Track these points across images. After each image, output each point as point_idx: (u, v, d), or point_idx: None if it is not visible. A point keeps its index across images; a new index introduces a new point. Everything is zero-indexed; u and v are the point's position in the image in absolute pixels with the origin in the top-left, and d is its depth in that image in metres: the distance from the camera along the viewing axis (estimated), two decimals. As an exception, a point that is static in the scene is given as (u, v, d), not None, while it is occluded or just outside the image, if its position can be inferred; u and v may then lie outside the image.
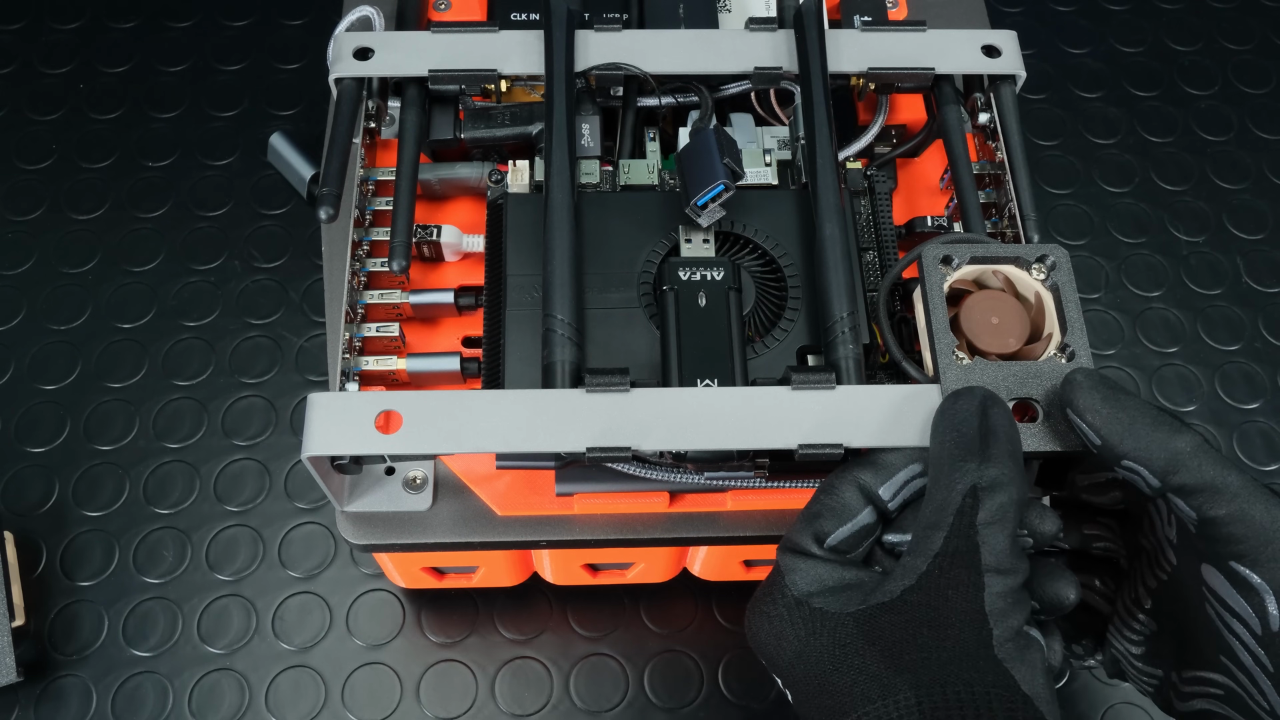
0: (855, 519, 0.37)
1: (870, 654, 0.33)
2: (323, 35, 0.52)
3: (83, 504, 0.58)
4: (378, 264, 0.46)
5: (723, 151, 0.43)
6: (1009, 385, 0.38)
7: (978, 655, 0.32)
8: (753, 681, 0.54)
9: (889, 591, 0.34)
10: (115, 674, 0.54)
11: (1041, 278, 0.41)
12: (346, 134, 0.46)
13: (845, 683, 0.34)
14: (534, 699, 0.53)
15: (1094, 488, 0.39)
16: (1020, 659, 0.33)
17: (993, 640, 0.33)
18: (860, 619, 0.34)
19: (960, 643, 0.33)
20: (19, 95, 0.70)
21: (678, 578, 0.54)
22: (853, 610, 0.34)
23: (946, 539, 0.34)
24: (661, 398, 0.39)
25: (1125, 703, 0.53)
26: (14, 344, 0.62)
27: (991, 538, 0.33)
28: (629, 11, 0.53)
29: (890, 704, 0.32)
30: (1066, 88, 0.72)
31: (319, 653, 0.54)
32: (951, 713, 0.32)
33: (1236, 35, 0.75)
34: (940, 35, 0.49)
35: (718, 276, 0.43)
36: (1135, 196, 0.68)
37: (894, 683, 0.33)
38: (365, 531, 0.44)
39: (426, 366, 0.45)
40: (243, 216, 0.66)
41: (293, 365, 0.62)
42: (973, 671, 0.32)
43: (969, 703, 0.32)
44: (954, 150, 0.47)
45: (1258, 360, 0.63)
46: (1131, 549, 0.39)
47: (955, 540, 0.33)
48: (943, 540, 0.34)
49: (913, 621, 0.33)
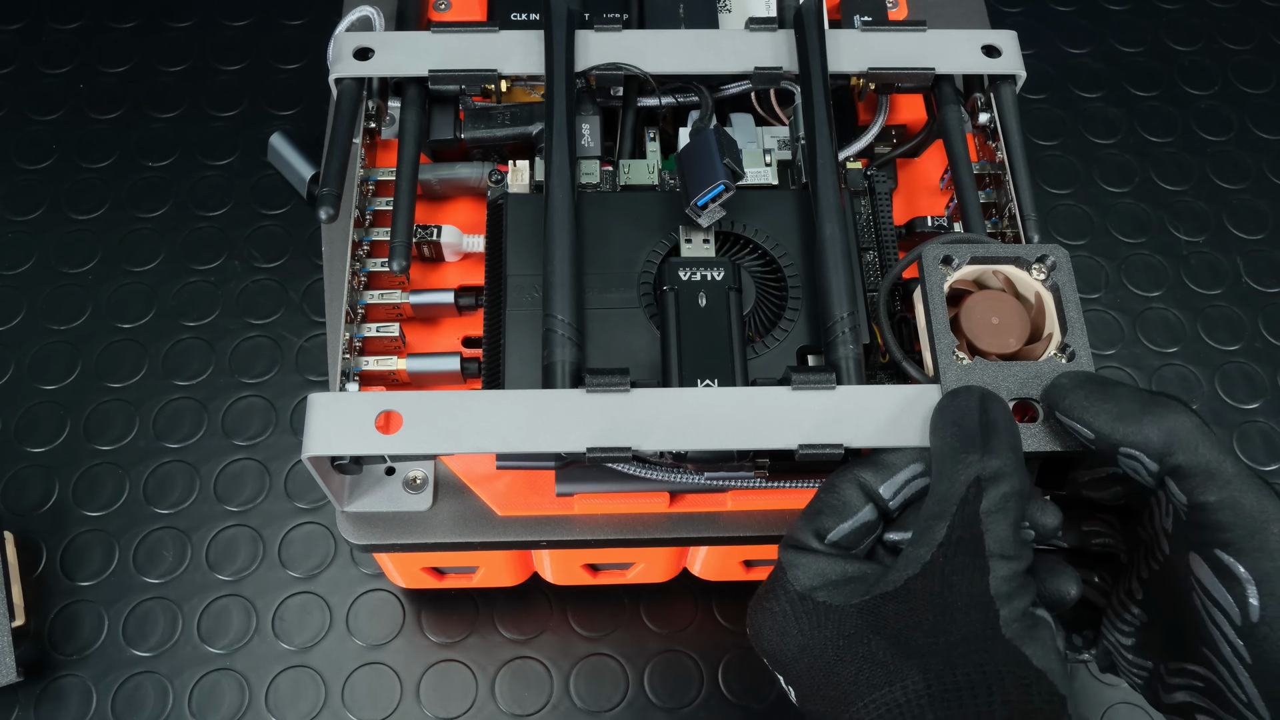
0: (856, 516, 0.37)
1: (876, 642, 0.33)
2: (323, 35, 0.52)
3: (83, 504, 0.58)
4: (378, 264, 0.46)
5: (723, 152, 0.43)
6: (1009, 385, 0.38)
7: (986, 636, 0.32)
8: (753, 681, 0.54)
9: (892, 581, 0.34)
10: (115, 674, 0.54)
11: (1042, 278, 0.41)
12: (346, 134, 0.46)
13: (851, 672, 0.33)
14: (534, 699, 0.53)
15: (1095, 483, 0.39)
16: (1030, 636, 0.33)
17: (1000, 621, 0.32)
18: (864, 610, 0.34)
19: (968, 626, 0.32)
20: (19, 95, 0.70)
21: (678, 578, 0.54)
22: (857, 602, 0.34)
23: (950, 528, 0.33)
24: (662, 398, 0.39)
25: (1125, 702, 0.54)
26: (14, 344, 0.62)
27: (995, 526, 0.33)
28: (629, 11, 0.53)
29: (898, 689, 0.32)
30: (1066, 88, 0.72)
31: (319, 653, 0.54)
32: (962, 694, 0.31)
33: (1236, 35, 0.75)
34: (940, 35, 0.49)
35: (718, 276, 0.43)
36: (1135, 196, 0.68)
37: (901, 668, 0.32)
38: (365, 531, 0.44)
39: (427, 367, 0.45)
40: (243, 216, 0.66)
41: (293, 365, 0.62)
42: (982, 652, 0.32)
43: (980, 682, 0.31)
44: (954, 150, 0.47)
45: (1258, 360, 0.63)
46: (1130, 543, 0.39)
47: (959, 529, 0.33)
48: (946, 530, 0.33)
49: (918, 609, 0.33)
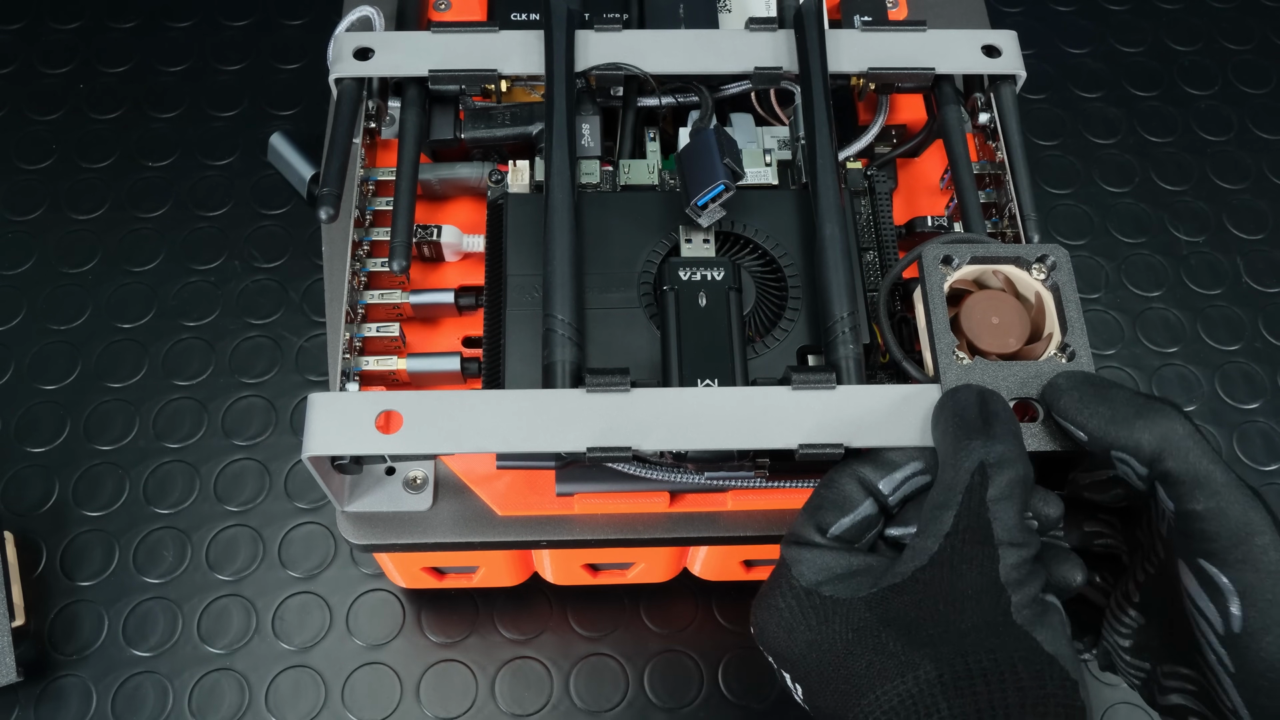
0: (857, 510, 0.37)
1: (887, 634, 0.33)
2: (323, 35, 0.52)
3: (83, 504, 0.58)
4: (378, 264, 0.46)
5: (723, 152, 0.43)
6: (1009, 385, 0.38)
7: (998, 624, 0.32)
8: (753, 681, 0.54)
9: (900, 573, 0.34)
10: (115, 674, 0.54)
11: (1042, 278, 0.41)
12: (346, 134, 0.46)
13: (861, 665, 0.33)
14: (534, 699, 0.53)
15: (1096, 485, 0.39)
16: (1041, 622, 0.33)
17: (1011, 607, 0.32)
18: (873, 602, 0.34)
19: (979, 614, 0.32)
20: (19, 95, 0.70)
21: (678, 578, 0.54)
22: (864, 594, 0.34)
23: (957, 517, 0.33)
24: (662, 398, 0.39)
25: (1125, 703, 0.54)
26: (14, 344, 0.62)
27: (1002, 512, 0.33)
28: (629, 11, 0.53)
29: (910, 679, 0.32)
30: (1066, 88, 0.72)
31: (319, 653, 0.54)
32: (975, 681, 0.31)
33: (1236, 35, 0.75)
34: (940, 35, 0.49)
35: (718, 276, 0.43)
36: (1135, 196, 0.68)
37: (913, 658, 0.32)
38: (365, 531, 0.44)
39: (427, 366, 0.45)
40: (243, 216, 0.66)
41: (293, 365, 0.62)
42: (994, 639, 0.32)
43: (992, 670, 0.31)
44: (954, 150, 0.47)
45: (1258, 360, 0.63)
46: (1131, 544, 0.39)
47: (966, 518, 0.33)
48: (953, 519, 0.33)
49: (928, 599, 0.33)
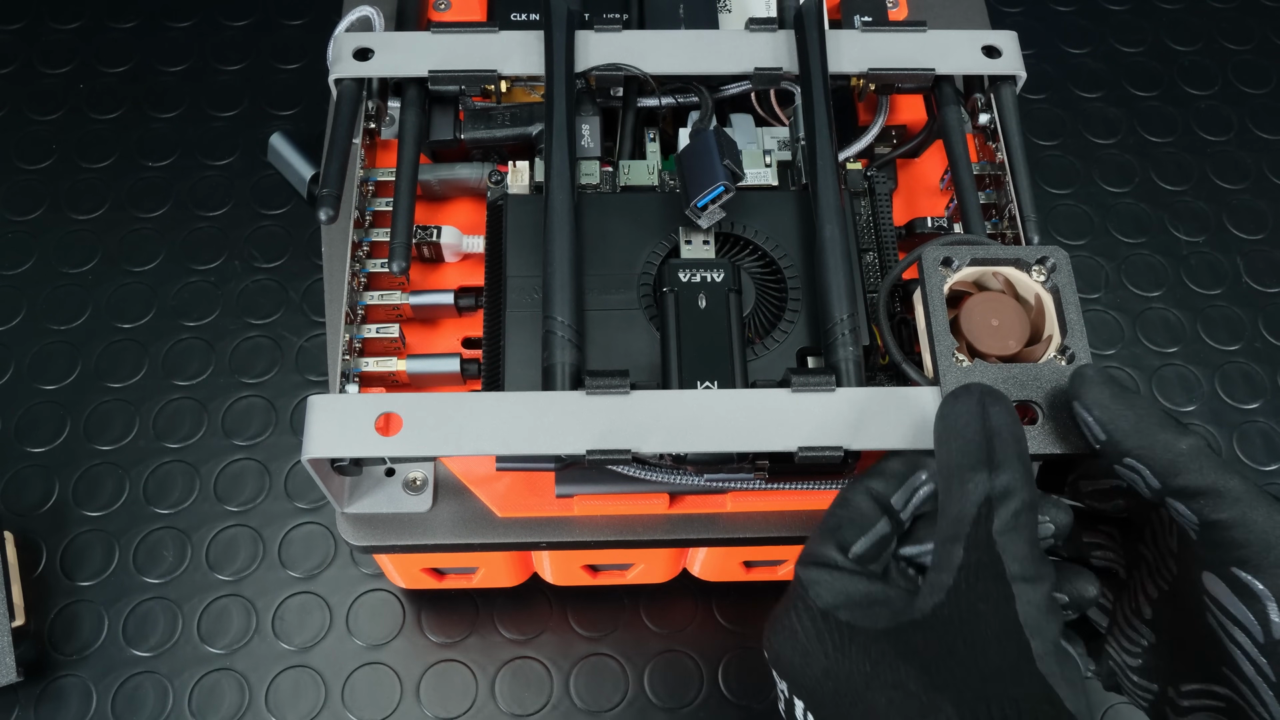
0: (874, 529, 0.36)
1: (906, 671, 0.33)
2: (323, 35, 0.52)
3: (83, 504, 0.58)
4: (378, 265, 0.46)
5: (723, 153, 0.43)
6: (1009, 387, 0.38)
7: (1020, 670, 0.32)
8: (753, 681, 0.54)
9: (920, 609, 0.33)
10: (115, 674, 0.54)
11: (1041, 279, 0.41)
12: (346, 134, 0.46)
13: (882, 701, 0.33)
14: (534, 699, 0.53)
15: (1098, 494, 0.38)
16: (1062, 674, 0.32)
17: (1033, 654, 0.32)
18: (893, 636, 0.33)
19: (1001, 658, 0.32)
20: (19, 95, 0.70)
21: (678, 578, 0.54)
22: (884, 627, 0.34)
23: (966, 551, 0.33)
24: (661, 400, 0.39)
25: (1125, 703, 0.54)
26: (14, 344, 0.62)
27: (1011, 545, 0.33)
28: (629, 12, 0.53)
29: None
30: (1066, 88, 0.72)
31: (319, 653, 0.54)
32: None
33: (1236, 35, 0.75)
34: (940, 35, 0.49)
35: (718, 278, 0.43)
36: (1135, 196, 0.68)
37: (935, 700, 0.32)
38: (365, 533, 0.44)
39: (426, 368, 0.45)
40: (243, 216, 0.66)
41: (293, 365, 0.62)
42: (1016, 687, 0.31)
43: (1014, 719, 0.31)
44: (954, 151, 0.47)
45: (1258, 360, 0.63)
46: (1131, 558, 0.38)
47: (975, 552, 0.33)
48: (963, 553, 0.33)
49: (948, 638, 0.32)
